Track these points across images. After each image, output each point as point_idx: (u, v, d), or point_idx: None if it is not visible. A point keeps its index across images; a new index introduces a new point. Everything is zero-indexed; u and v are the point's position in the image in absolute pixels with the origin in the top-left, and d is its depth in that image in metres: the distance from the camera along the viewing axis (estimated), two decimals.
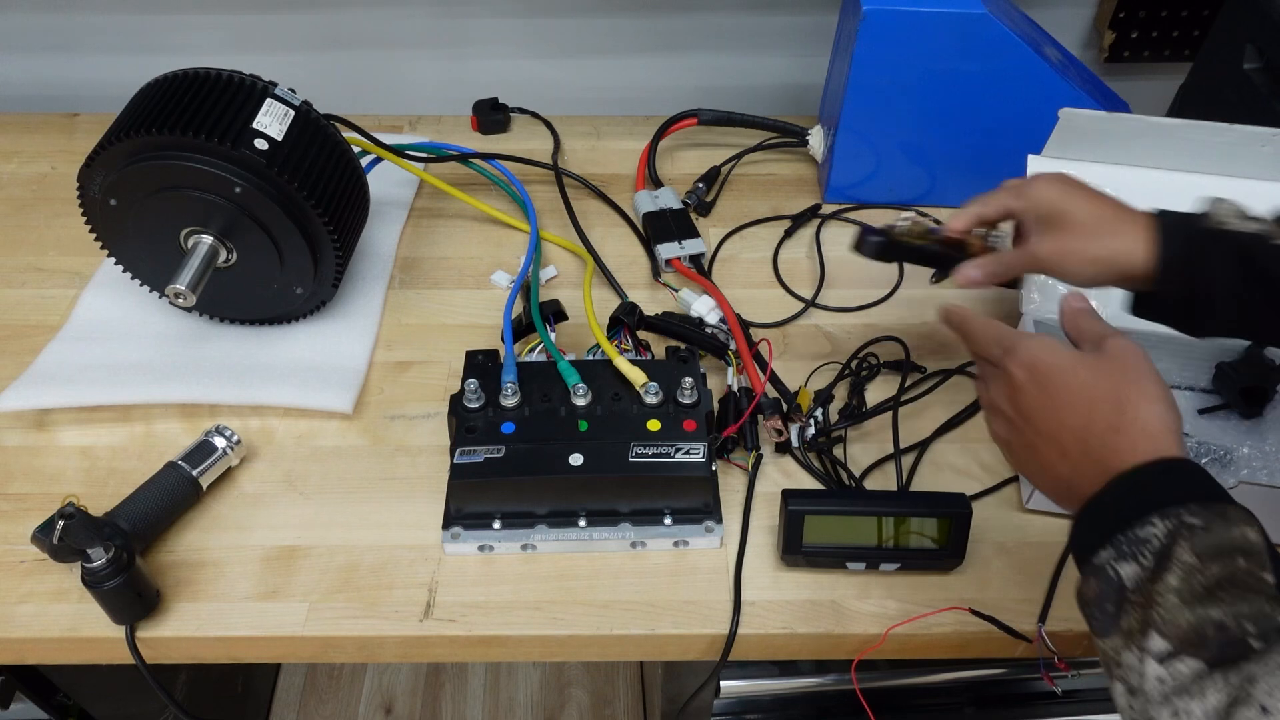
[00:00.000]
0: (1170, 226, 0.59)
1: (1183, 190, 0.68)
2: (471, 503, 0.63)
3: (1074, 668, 0.72)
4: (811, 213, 0.92)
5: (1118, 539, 0.43)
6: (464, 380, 0.65)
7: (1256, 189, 0.72)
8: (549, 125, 1.02)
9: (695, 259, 0.85)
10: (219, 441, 0.66)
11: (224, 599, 0.61)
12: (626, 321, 0.73)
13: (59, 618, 0.60)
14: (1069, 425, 0.49)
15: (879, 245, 0.67)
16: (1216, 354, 0.73)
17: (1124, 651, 0.42)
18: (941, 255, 0.68)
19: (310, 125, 0.72)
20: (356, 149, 0.80)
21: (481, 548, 0.63)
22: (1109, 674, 0.43)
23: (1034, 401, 0.51)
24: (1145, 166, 0.75)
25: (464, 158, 0.93)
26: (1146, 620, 0.41)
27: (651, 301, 0.82)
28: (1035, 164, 0.76)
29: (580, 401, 0.64)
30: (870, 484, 0.69)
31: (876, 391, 0.75)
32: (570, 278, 0.85)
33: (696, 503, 0.64)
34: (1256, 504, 0.46)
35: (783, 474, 0.69)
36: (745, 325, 0.77)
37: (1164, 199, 0.64)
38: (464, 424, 0.63)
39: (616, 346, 0.71)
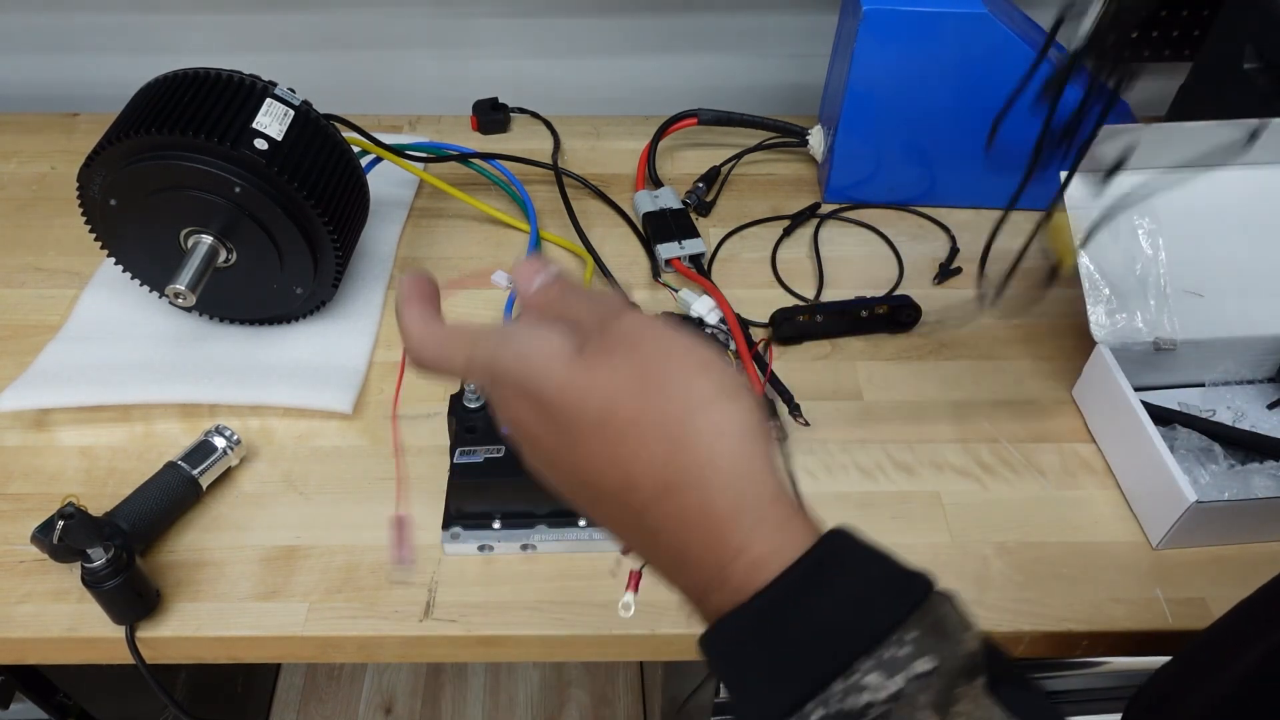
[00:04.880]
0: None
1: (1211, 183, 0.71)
2: (471, 503, 0.63)
3: (1060, 669, 0.72)
4: (810, 212, 0.92)
5: (807, 717, 0.27)
6: (464, 380, 0.65)
7: None
8: (549, 125, 1.02)
9: (695, 259, 0.85)
10: (219, 441, 0.66)
11: (224, 599, 0.61)
12: None
13: (59, 618, 0.60)
14: (624, 505, 0.32)
15: None
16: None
17: None
18: None
19: (310, 125, 0.72)
20: (356, 149, 0.80)
21: (481, 548, 0.63)
22: None
23: (553, 455, 0.34)
24: (1180, 168, 0.73)
25: (464, 158, 0.93)
26: None
27: (651, 301, 0.82)
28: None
29: None
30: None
31: None
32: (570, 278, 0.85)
33: None
34: None
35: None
36: (745, 325, 0.77)
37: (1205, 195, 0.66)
38: (464, 424, 0.63)
39: None
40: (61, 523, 0.53)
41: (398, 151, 0.87)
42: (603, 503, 0.33)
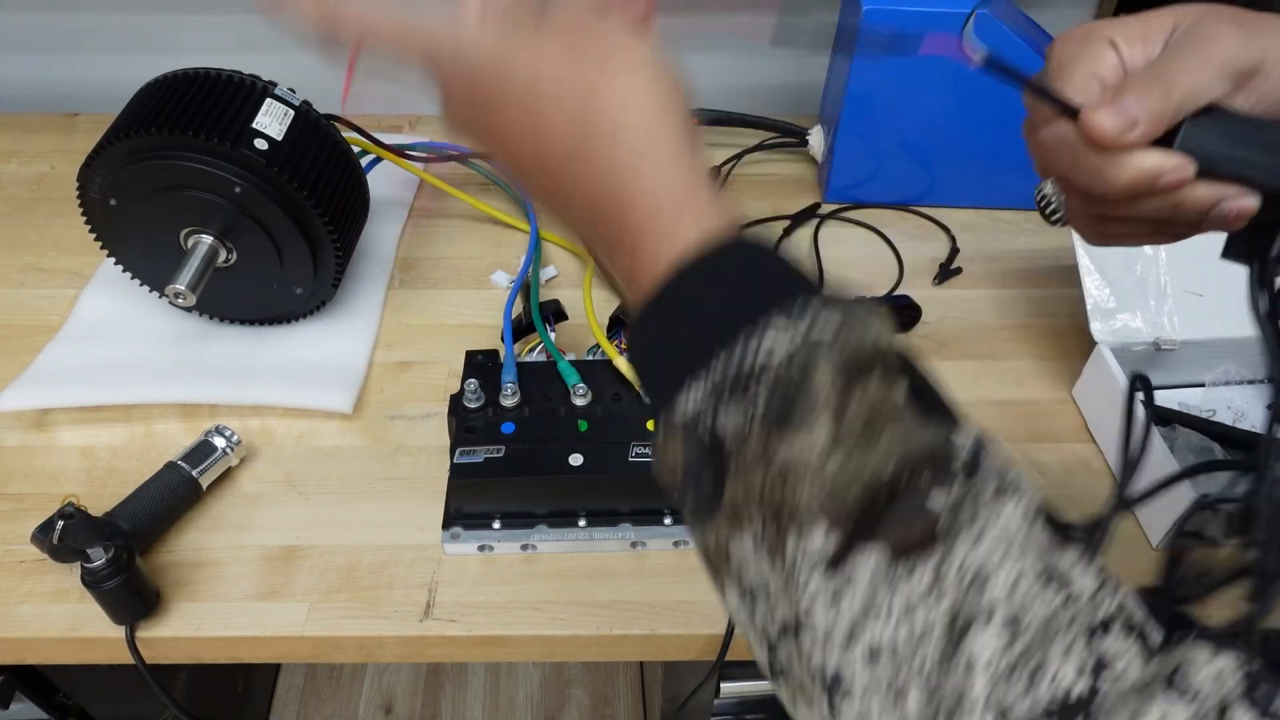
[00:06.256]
0: None
1: None
2: (471, 503, 0.63)
3: None
4: (810, 212, 0.92)
5: (711, 373, 0.28)
6: (464, 380, 0.65)
7: None
8: None
9: None
10: (219, 441, 0.66)
11: (224, 599, 0.61)
12: (627, 321, 0.73)
13: (59, 618, 0.60)
14: (542, 168, 0.34)
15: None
16: None
17: (738, 538, 0.28)
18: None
19: (310, 125, 0.72)
20: (356, 149, 0.80)
21: (481, 548, 0.63)
22: (716, 571, 0.30)
23: (482, 127, 0.35)
24: None
25: (464, 158, 0.93)
26: (783, 495, 0.26)
27: None
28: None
29: (580, 401, 0.64)
30: None
31: None
32: (570, 278, 0.85)
33: None
34: None
35: None
36: None
37: None
38: (464, 424, 0.63)
39: (616, 346, 0.71)
40: (61, 523, 0.53)
41: (398, 151, 0.87)
42: (525, 168, 0.34)
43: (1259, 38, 0.35)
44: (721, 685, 0.72)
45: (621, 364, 0.66)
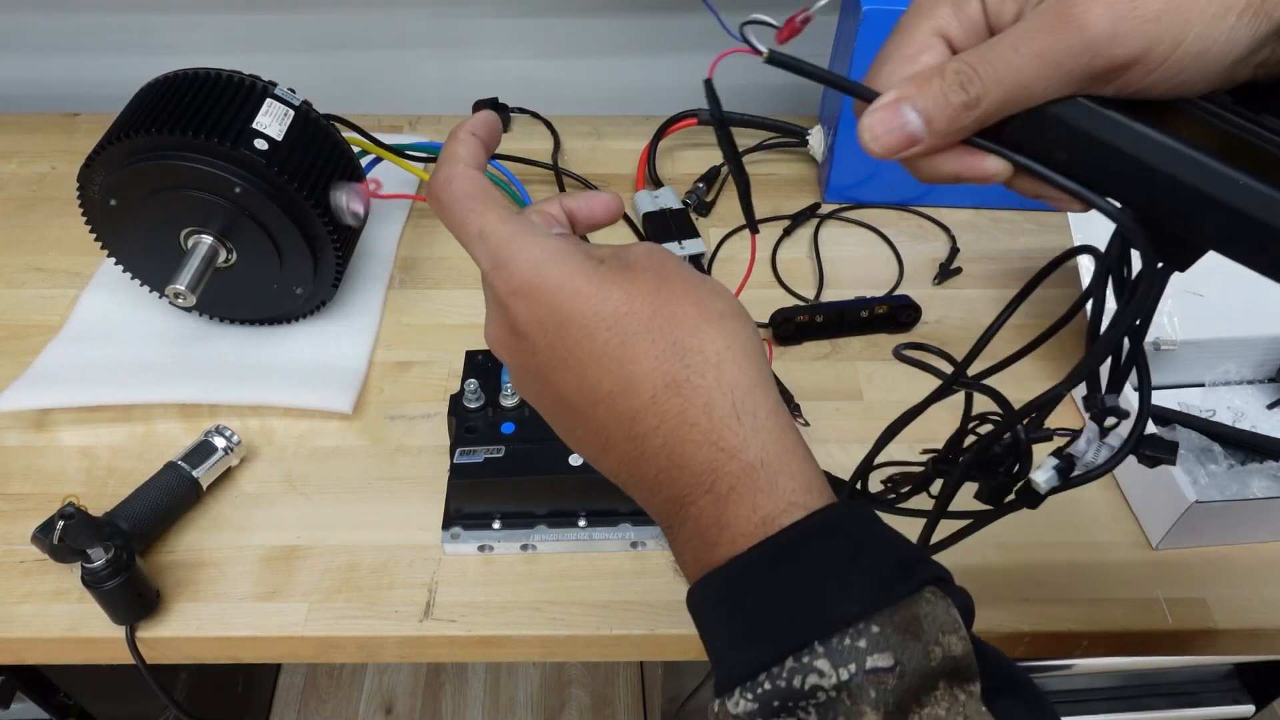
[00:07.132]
0: None
1: None
2: (471, 503, 0.63)
3: (1060, 669, 0.72)
4: (810, 212, 0.92)
5: (759, 685, 0.28)
6: (464, 380, 0.65)
7: None
8: (549, 125, 1.02)
9: (695, 259, 0.85)
10: (219, 441, 0.66)
11: (224, 599, 0.61)
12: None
13: (59, 618, 0.60)
14: (617, 410, 0.31)
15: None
16: None
17: None
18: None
19: (310, 125, 0.72)
20: (356, 149, 0.80)
21: (481, 548, 0.63)
22: None
23: (546, 359, 0.33)
24: None
25: None
26: None
27: None
28: None
29: None
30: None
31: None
32: None
33: None
34: None
35: None
36: None
37: None
38: (464, 424, 0.63)
39: None
40: (61, 523, 0.53)
41: (398, 151, 0.87)
42: (592, 412, 0.32)
43: (1150, 22, 0.26)
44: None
45: None
